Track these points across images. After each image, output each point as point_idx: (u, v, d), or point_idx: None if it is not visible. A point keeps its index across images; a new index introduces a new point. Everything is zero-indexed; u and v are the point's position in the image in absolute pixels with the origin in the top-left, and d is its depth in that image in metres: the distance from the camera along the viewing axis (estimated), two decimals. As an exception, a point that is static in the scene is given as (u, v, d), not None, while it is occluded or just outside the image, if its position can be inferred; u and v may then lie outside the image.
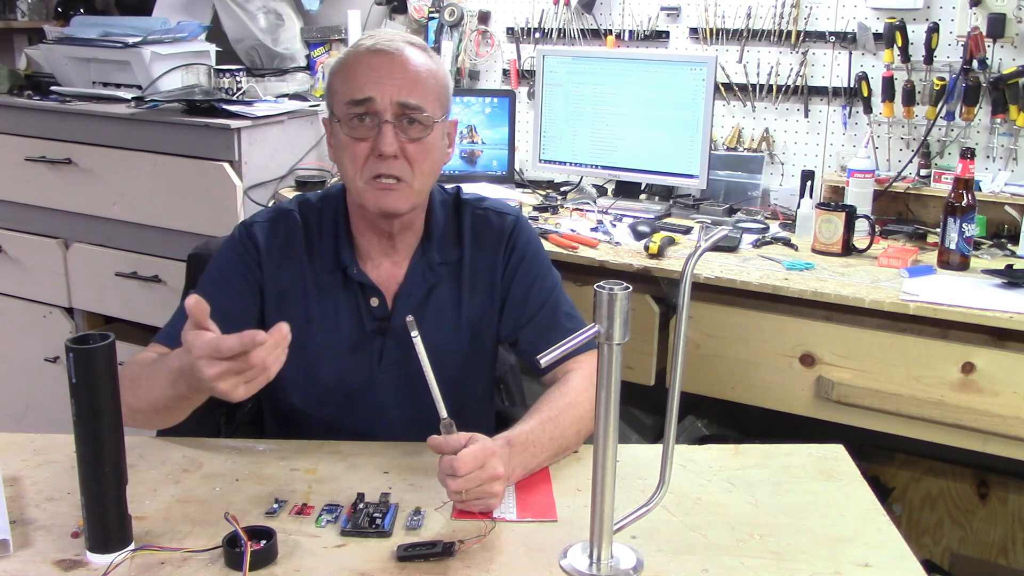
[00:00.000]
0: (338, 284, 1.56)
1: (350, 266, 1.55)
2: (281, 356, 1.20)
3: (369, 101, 1.45)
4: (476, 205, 1.63)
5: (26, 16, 3.61)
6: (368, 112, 1.46)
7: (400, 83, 1.46)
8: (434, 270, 1.58)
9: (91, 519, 1.14)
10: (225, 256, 1.59)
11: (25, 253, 3.03)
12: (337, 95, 1.50)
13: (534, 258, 1.63)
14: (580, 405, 1.45)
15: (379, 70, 1.46)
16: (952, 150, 2.49)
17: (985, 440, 1.94)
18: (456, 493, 1.23)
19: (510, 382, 1.90)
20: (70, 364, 1.09)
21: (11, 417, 3.19)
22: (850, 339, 2.03)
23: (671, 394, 1.15)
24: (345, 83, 1.49)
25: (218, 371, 1.17)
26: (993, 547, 2.55)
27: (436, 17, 3.07)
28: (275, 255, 1.57)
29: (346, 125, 1.48)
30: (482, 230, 1.61)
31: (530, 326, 1.60)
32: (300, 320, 1.54)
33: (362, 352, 1.57)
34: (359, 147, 1.47)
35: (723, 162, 2.70)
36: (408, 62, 1.48)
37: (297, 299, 1.56)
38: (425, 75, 1.49)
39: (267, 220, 1.60)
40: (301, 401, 1.60)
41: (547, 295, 1.61)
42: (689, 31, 2.78)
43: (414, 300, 1.57)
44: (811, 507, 1.31)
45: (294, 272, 1.57)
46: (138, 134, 2.72)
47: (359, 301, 1.56)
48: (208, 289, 1.53)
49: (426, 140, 1.49)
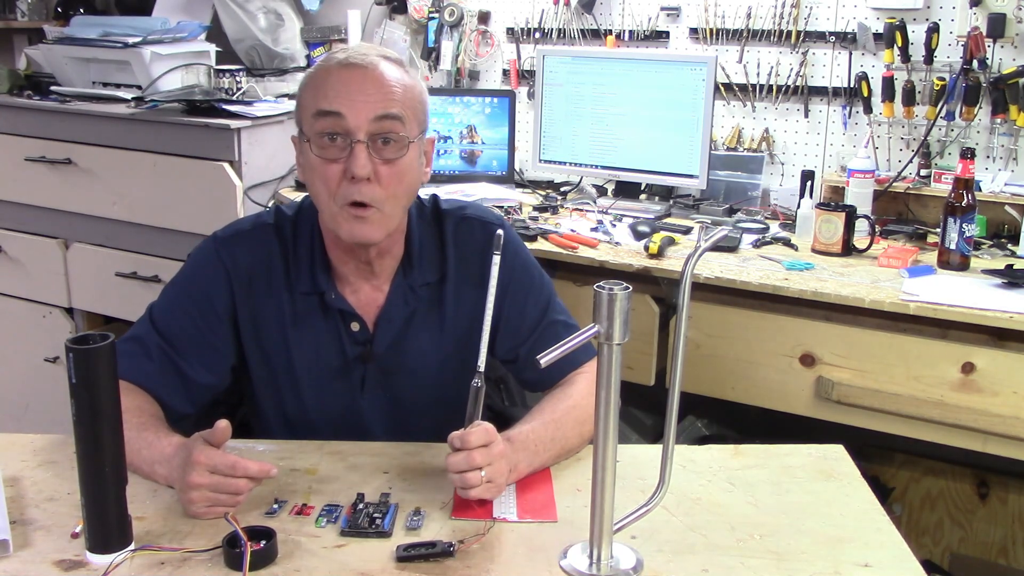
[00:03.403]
0: (316, 308, 1.50)
1: (328, 292, 1.49)
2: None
3: (339, 116, 1.37)
4: (458, 215, 1.56)
5: (26, 16, 3.61)
6: (339, 132, 1.38)
7: (374, 100, 1.38)
8: (416, 292, 1.52)
9: (91, 519, 1.14)
10: (192, 275, 1.52)
11: (25, 253, 3.03)
12: (306, 110, 1.42)
13: (523, 273, 1.57)
14: (583, 408, 1.44)
15: (351, 84, 1.38)
16: (952, 150, 2.49)
17: (985, 440, 1.94)
18: (460, 470, 1.23)
19: (511, 383, 1.90)
20: (70, 364, 1.09)
21: (11, 417, 3.18)
22: (850, 339, 2.03)
23: (671, 394, 1.15)
24: (314, 97, 1.40)
25: (207, 481, 1.21)
26: (993, 547, 2.55)
27: (436, 17, 3.07)
28: (249, 277, 1.50)
29: (316, 144, 1.40)
30: (466, 241, 1.54)
31: (529, 343, 1.55)
32: (279, 345, 1.51)
33: (344, 379, 1.53)
34: (330, 169, 1.39)
35: (723, 162, 2.70)
36: (383, 76, 1.40)
37: (274, 324, 1.51)
38: (401, 91, 1.41)
39: (240, 234, 1.52)
40: (283, 430, 1.56)
41: (543, 311, 1.56)
42: (689, 31, 2.78)
43: (396, 324, 1.52)
44: (811, 507, 1.31)
45: (270, 295, 1.51)
46: (138, 134, 2.72)
47: (339, 326, 1.51)
48: (171, 309, 1.50)
49: (401, 162, 1.41)
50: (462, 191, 2.73)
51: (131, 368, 1.43)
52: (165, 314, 1.50)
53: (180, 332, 1.48)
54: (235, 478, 1.22)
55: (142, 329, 1.50)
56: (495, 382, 1.88)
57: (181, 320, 1.49)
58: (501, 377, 1.88)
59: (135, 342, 1.48)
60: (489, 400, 1.86)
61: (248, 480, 1.23)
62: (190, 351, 1.49)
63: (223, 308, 1.50)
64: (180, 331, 1.48)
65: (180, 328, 1.49)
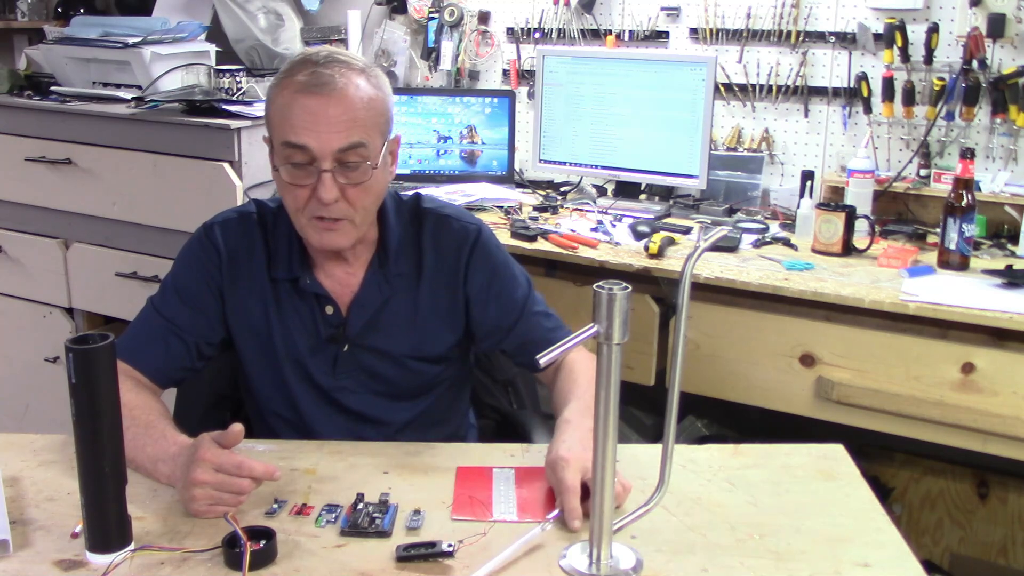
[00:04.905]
0: (294, 292, 1.56)
1: (302, 277, 1.54)
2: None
3: (305, 149, 1.41)
4: (437, 212, 1.61)
5: (26, 16, 3.61)
6: (306, 161, 1.42)
7: (337, 129, 1.40)
8: (391, 282, 1.57)
9: (91, 519, 1.14)
10: (186, 260, 1.60)
11: (25, 253, 3.03)
12: (274, 129, 1.46)
13: (503, 270, 1.62)
14: (590, 376, 1.46)
15: (316, 115, 1.40)
16: (952, 150, 2.49)
17: (985, 440, 1.94)
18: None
19: (519, 386, 1.90)
20: (70, 364, 1.09)
21: (11, 417, 3.18)
22: (850, 339, 2.03)
23: (671, 394, 1.15)
24: (281, 122, 1.43)
25: (211, 479, 1.22)
26: (993, 547, 2.55)
27: (436, 17, 3.08)
28: (232, 259, 1.57)
29: (284, 170, 1.44)
30: (442, 236, 1.59)
31: (510, 338, 1.61)
32: (261, 324, 1.57)
33: (319, 357, 1.58)
34: (299, 192, 1.44)
35: (723, 162, 2.70)
36: (344, 100, 1.41)
37: (256, 303, 1.57)
38: (364, 114, 1.42)
39: (228, 221, 1.60)
40: (279, 404, 1.61)
41: (520, 308, 1.60)
42: (689, 31, 2.78)
43: (369, 311, 1.56)
44: (811, 507, 1.31)
45: (252, 277, 1.57)
46: (138, 134, 2.72)
47: (315, 309, 1.56)
48: (170, 299, 1.57)
49: (367, 180, 1.45)
50: (462, 191, 2.73)
51: (129, 353, 1.50)
52: (163, 297, 1.58)
53: (178, 312, 1.56)
54: (240, 478, 1.23)
55: (144, 314, 1.58)
56: (503, 384, 1.89)
57: (178, 301, 1.56)
58: (510, 380, 1.89)
59: (140, 327, 1.56)
60: (497, 402, 1.87)
61: (251, 481, 1.24)
62: (187, 326, 1.56)
63: (212, 283, 1.57)
64: (178, 312, 1.56)
65: (177, 309, 1.56)
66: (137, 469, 1.33)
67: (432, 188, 2.60)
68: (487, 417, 1.86)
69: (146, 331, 1.55)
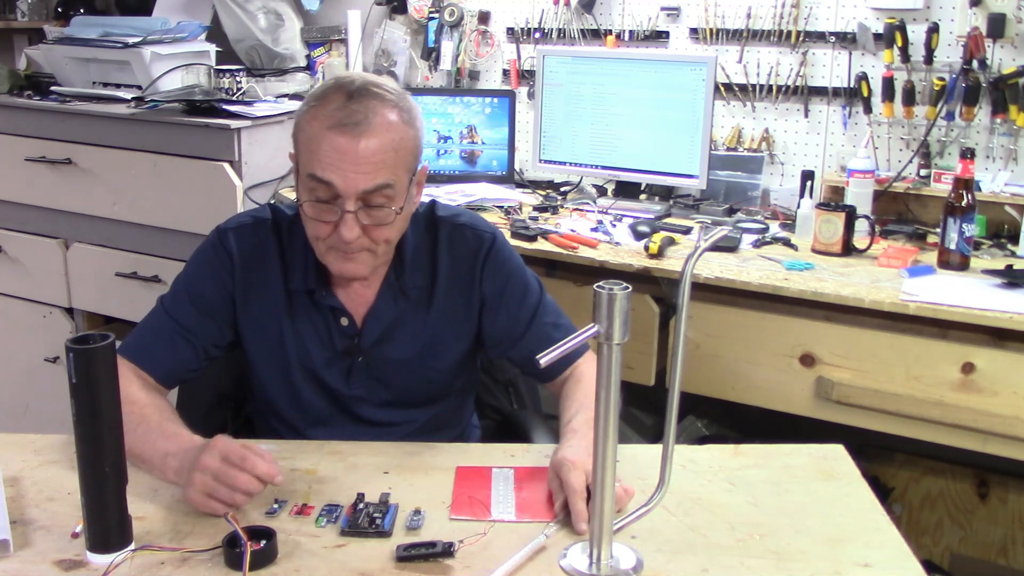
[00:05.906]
0: (309, 303, 1.55)
1: (318, 290, 1.54)
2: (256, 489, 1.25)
3: (331, 186, 1.39)
4: (452, 221, 1.60)
5: (26, 16, 3.61)
6: (330, 198, 1.40)
7: (365, 169, 1.38)
8: (406, 295, 1.56)
9: (91, 519, 1.14)
10: (199, 264, 1.59)
11: (25, 253, 3.03)
12: (301, 156, 1.44)
13: (517, 278, 1.61)
14: None
15: (344, 154, 1.38)
16: (952, 150, 2.49)
17: (985, 440, 1.94)
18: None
19: (520, 386, 1.90)
20: (70, 364, 1.09)
21: (11, 417, 3.18)
22: (850, 339, 2.03)
23: (671, 394, 1.15)
24: (309, 154, 1.41)
25: (215, 465, 1.23)
26: (993, 547, 2.55)
27: (436, 17, 3.07)
28: (247, 265, 1.56)
29: (307, 203, 1.43)
30: (458, 245, 1.58)
31: (517, 348, 1.60)
32: (274, 332, 1.56)
33: (333, 368, 1.58)
34: (321, 227, 1.43)
35: (723, 162, 2.70)
36: (373, 140, 1.38)
37: (270, 312, 1.56)
38: (393, 154, 1.41)
39: (243, 227, 1.58)
40: (292, 416, 1.61)
41: (530, 318, 1.59)
42: (689, 31, 2.78)
43: (384, 323, 1.56)
44: (811, 507, 1.31)
45: (266, 285, 1.56)
46: (138, 134, 2.72)
47: (329, 320, 1.56)
48: (181, 301, 1.56)
49: (391, 220, 1.44)
50: (462, 191, 2.73)
51: (132, 351, 1.51)
52: (174, 299, 1.57)
53: (187, 315, 1.55)
54: (240, 472, 1.22)
55: (154, 315, 1.57)
56: (504, 385, 1.89)
57: (188, 304, 1.55)
58: (510, 380, 1.89)
59: (149, 327, 1.56)
60: (497, 403, 1.87)
61: (251, 479, 1.23)
62: (196, 330, 1.55)
63: (224, 288, 1.56)
64: (187, 315, 1.55)
65: (187, 312, 1.55)
66: (143, 464, 1.34)
67: (432, 188, 2.60)
68: (488, 417, 1.86)
69: (154, 332, 1.55)
